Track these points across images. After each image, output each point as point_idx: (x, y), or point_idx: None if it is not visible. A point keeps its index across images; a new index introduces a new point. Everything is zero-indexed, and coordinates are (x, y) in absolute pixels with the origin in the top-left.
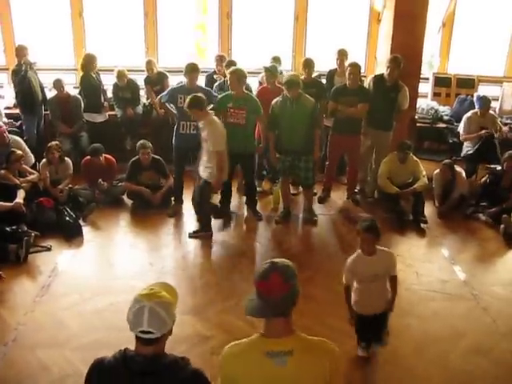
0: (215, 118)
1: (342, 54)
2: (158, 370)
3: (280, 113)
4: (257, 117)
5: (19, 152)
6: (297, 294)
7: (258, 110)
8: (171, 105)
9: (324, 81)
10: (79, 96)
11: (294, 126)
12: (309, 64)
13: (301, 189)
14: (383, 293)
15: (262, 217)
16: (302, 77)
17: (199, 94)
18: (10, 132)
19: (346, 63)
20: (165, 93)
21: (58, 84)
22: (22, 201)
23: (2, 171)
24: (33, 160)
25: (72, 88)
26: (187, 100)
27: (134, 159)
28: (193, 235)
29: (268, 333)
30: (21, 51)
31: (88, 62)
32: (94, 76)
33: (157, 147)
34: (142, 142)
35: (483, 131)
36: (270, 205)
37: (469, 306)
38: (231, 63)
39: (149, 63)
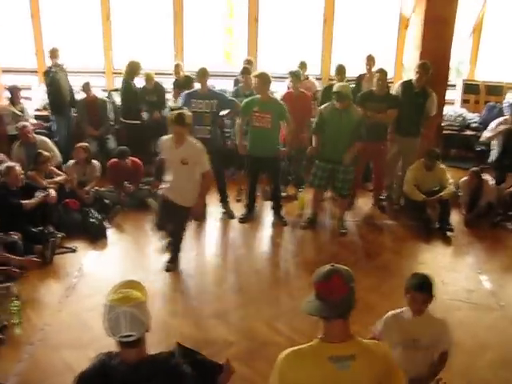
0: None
1: (371, 60)
2: (142, 379)
3: (328, 120)
4: (282, 121)
5: (46, 153)
6: (354, 298)
7: (283, 115)
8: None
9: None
10: (107, 99)
11: (340, 136)
12: (341, 70)
13: (327, 194)
14: (422, 367)
15: (286, 222)
16: (334, 82)
17: (186, 112)
18: (38, 133)
19: (373, 69)
20: (181, 98)
21: (86, 87)
22: (52, 195)
23: (30, 172)
24: (60, 158)
25: (100, 91)
26: (174, 114)
27: (160, 157)
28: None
29: (328, 337)
30: (52, 53)
31: (132, 70)
32: (133, 83)
33: None
34: None
35: (502, 127)
36: (295, 210)
37: (495, 317)
38: (247, 70)
39: (177, 67)
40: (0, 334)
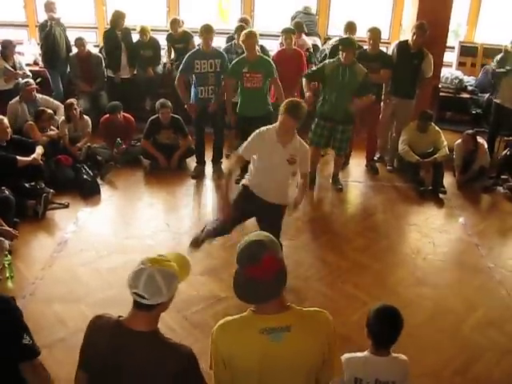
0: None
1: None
2: (141, 349)
3: (330, 75)
4: (271, 79)
5: (50, 111)
6: (286, 269)
7: (272, 73)
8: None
9: None
10: (100, 54)
11: (342, 95)
12: (351, 27)
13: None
14: None
15: None
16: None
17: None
18: None
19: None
20: (181, 65)
21: (79, 42)
22: (38, 156)
23: (30, 123)
24: (62, 109)
25: (92, 46)
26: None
27: (153, 118)
28: None
29: (261, 310)
30: (47, 6)
31: (116, 19)
32: (117, 34)
33: (177, 107)
34: (161, 101)
35: None
36: None
37: (484, 278)
38: (242, 28)
39: (174, 22)
40: None
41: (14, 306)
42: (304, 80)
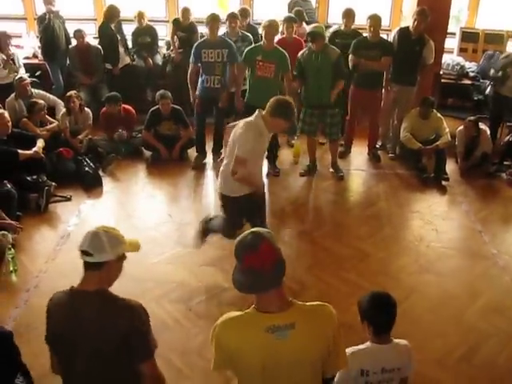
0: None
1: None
2: (91, 308)
3: (305, 66)
4: (283, 73)
5: (42, 102)
6: (284, 260)
7: (286, 68)
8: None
9: None
10: (99, 46)
11: (320, 80)
12: (349, 14)
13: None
14: None
15: (279, 172)
16: (342, 27)
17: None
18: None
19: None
20: (192, 55)
21: (78, 34)
22: (39, 150)
23: (24, 119)
24: (62, 107)
25: (92, 38)
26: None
27: (153, 109)
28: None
29: (264, 307)
30: None
31: (110, 14)
32: (112, 27)
33: (176, 100)
34: (161, 92)
35: None
36: (288, 158)
37: (487, 265)
38: (234, 15)
39: (185, 11)
40: None
41: (12, 343)
42: (296, 80)
